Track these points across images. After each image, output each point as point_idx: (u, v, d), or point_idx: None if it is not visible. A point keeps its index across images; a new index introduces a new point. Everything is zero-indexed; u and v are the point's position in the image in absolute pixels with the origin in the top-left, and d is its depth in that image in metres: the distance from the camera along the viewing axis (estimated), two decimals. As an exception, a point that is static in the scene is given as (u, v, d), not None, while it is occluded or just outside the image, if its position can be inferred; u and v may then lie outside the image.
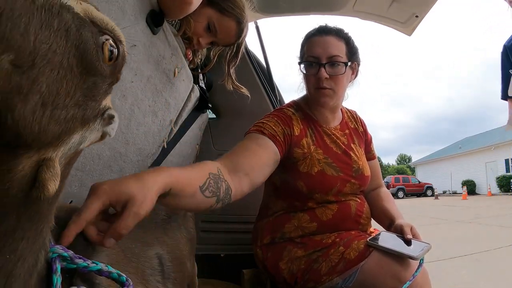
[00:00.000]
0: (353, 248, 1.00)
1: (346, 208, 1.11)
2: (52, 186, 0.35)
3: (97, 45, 0.36)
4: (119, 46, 0.39)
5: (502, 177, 19.88)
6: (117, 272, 0.48)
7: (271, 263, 1.13)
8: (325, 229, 1.10)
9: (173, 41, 0.97)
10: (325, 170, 1.09)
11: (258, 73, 1.74)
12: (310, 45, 1.12)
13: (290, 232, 1.11)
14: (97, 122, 0.40)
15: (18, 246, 0.36)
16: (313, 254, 1.05)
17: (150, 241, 0.75)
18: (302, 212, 1.10)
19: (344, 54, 1.10)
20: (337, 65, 1.08)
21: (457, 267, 3.44)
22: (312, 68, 1.10)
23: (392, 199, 1.28)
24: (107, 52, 0.37)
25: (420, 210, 11.14)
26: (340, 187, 1.11)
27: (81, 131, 0.37)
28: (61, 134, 0.34)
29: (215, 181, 0.78)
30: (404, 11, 1.65)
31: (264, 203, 1.26)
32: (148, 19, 0.82)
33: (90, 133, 0.39)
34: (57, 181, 0.35)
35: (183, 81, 1.09)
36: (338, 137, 1.18)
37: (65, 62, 0.32)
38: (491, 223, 6.72)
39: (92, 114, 0.38)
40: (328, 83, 1.09)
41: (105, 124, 0.41)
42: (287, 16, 1.93)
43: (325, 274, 1.00)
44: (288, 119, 1.12)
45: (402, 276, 0.91)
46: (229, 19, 1.08)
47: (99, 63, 0.36)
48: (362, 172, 1.17)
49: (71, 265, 0.44)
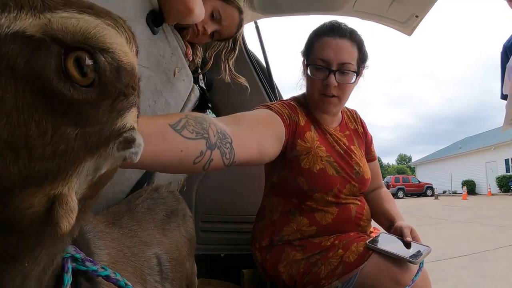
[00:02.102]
0: (352, 251, 0.99)
1: (346, 212, 1.09)
2: (65, 224, 0.32)
3: (60, 68, 0.29)
4: (97, 57, 0.30)
5: (502, 177, 19.87)
6: (124, 281, 0.48)
7: (270, 266, 1.11)
8: (324, 233, 1.08)
9: (173, 41, 0.97)
10: (327, 169, 1.06)
11: (258, 73, 1.74)
12: (321, 46, 1.04)
13: (288, 235, 1.10)
14: (109, 148, 0.35)
15: (38, 254, 0.36)
16: (312, 257, 1.04)
17: (148, 241, 0.75)
18: (301, 216, 1.08)
19: (355, 61, 1.04)
20: (347, 73, 1.02)
21: (457, 267, 3.44)
22: (321, 72, 1.03)
23: (392, 199, 1.27)
24: (75, 71, 0.29)
25: (420, 210, 11.13)
26: (340, 187, 1.08)
27: (93, 158, 0.34)
28: (61, 169, 0.31)
29: (196, 121, 0.61)
30: (404, 11, 1.65)
31: (262, 205, 1.25)
32: (148, 19, 0.82)
33: (106, 161, 0.35)
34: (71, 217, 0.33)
35: (183, 81, 1.09)
36: (339, 138, 1.15)
37: (21, 104, 0.28)
38: (491, 223, 6.72)
39: (98, 137, 0.33)
40: (335, 91, 1.03)
41: (123, 148, 0.36)
42: (287, 16, 1.93)
43: (324, 277, 0.99)
44: (294, 108, 1.08)
45: (402, 280, 0.90)
46: (232, 8, 1.13)
47: (67, 90, 0.29)
48: (363, 175, 1.15)
49: (81, 267, 0.45)
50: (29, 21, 0.28)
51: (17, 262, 0.35)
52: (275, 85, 1.85)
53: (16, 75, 0.27)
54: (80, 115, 0.31)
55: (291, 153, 1.04)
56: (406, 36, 1.82)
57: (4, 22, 0.27)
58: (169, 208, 0.93)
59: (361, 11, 1.73)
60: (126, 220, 0.76)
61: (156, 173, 1.13)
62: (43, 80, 0.28)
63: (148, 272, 0.68)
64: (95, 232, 0.58)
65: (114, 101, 0.33)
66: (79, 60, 0.29)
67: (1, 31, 0.27)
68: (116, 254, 0.59)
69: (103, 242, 0.57)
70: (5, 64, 0.27)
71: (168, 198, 0.96)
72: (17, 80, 0.27)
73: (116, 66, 0.32)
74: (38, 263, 0.36)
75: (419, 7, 1.60)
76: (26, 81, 0.28)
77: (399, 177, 25.45)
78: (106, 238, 0.59)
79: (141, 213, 0.83)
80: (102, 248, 0.56)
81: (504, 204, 11.58)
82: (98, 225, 0.61)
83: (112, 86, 0.32)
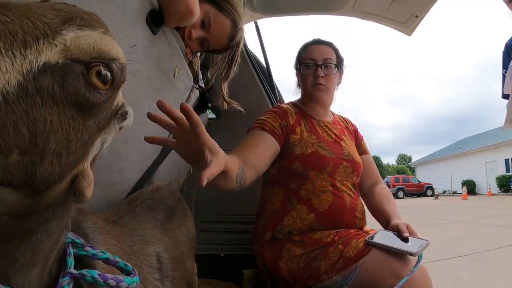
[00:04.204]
0: (352, 246, 1.02)
1: (341, 200, 1.17)
2: (89, 192, 0.39)
3: (88, 83, 0.34)
4: (111, 66, 0.36)
5: (502, 177, 19.87)
6: (123, 262, 0.50)
7: (271, 263, 1.15)
8: (323, 221, 1.13)
9: (173, 41, 0.97)
10: (319, 151, 1.21)
11: (258, 73, 1.75)
12: (307, 51, 1.33)
13: (289, 225, 1.15)
14: (111, 124, 0.42)
15: (50, 226, 0.40)
16: (312, 253, 1.08)
17: (149, 239, 0.75)
18: (299, 204, 1.16)
19: (335, 59, 1.32)
20: (330, 66, 1.29)
21: (457, 267, 3.44)
22: (310, 68, 1.31)
23: (390, 197, 1.31)
24: (99, 82, 0.35)
25: (420, 210, 11.14)
26: (334, 167, 1.19)
27: (100, 136, 0.41)
28: (84, 152, 0.38)
29: (242, 171, 0.98)
30: (404, 11, 1.65)
31: (262, 199, 1.30)
32: (148, 19, 0.82)
33: (109, 134, 0.43)
34: (92, 185, 0.39)
35: (183, 81, 1.09)
36: (330, 129, 1.32)
37: (64, 119, 0.33)
38: (491, 223, 6.72)
39: (105, 119, 0.40)
40: (323, 81, 1.29)
41: (121, 121, 0.44)
42: (287, 16, 1.93)
43: (325, 272, 1.02)
44: (284, 113, 1.28)
45: (401, 273, 0.92)
46: (225, 17, 1.08)
47: (95, 97, 0.35)
48: (353, 157, 1.27)
49: (81, 252, 0.47)
50: (49, 50, 0.32)
51: (32, 234, 0.38)
52: (275, 85, 1.85)
53: (57, 100, 0.32)
54: (99, 110, 0.38)
55: (285, 147, 1.22)
56: (406, 36, 1.82)
57: (33, 58, 0.30)
58: (169, 207, 0.93)
59: (361, 11, 1.73)
60: (127, 219, 0.76)
61: (156, 173, 1.13)
62: (78, 97, 0.34)
63: (148, 270, 0.68)
64: (95, 228, 0.58)
65: (117, 90, 0.41)
66: (99, 72, 0.35)
67: (34, 67, 0.30)
68: (116, 251, 0.59)
69: (103, 238, 0.58)
70: (46, 95, 0.31)
71: (168, 197, 0.96)
72: (58, 104, 0.32)
73: (121, 67, 0.38)
74: (50, 235, 0.41)
75: (419, 7, 1.61)
76: (65, 101, 0.33)
77: (399, 177, 25.45)
78: (105, 234, 0.60)
79: (142, 212, 0.84)
80: (101, 243, 0.56)
81: (504, 204, 11.59)
82: (98, 221, 0.61)
83: (120, 82, 0.39)
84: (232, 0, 1.08)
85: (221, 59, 1.21)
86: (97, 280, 0.44)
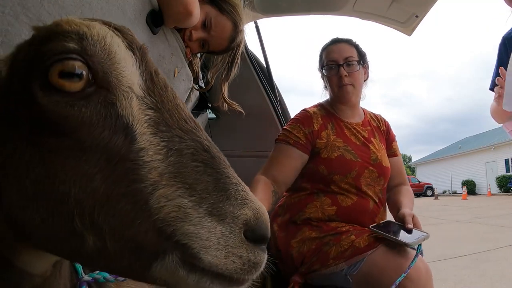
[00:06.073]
0: (364, 238, 1.07)
1: (364, 202, 1.20)
2: None
3: None
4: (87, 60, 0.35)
5: (502, 177, 19.88)
6: None
7: (282, 242, 1.20)
8: (342, 216, 1.17)
9: (173, 41, 0.97)
10: (344, 155, 1.22)
11: (258, 73, 1.75)
12: (327, 53, 1.33)
13: (310, 213, 1.19)
14: None
15: None
16: (325, 238, 1.12)
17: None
18: (325, 196, 1.21)
19: (356, 55, 1.31)
20: (352, 64, 1.28)
21: (457, 267, 3.44)
22: (332, 69, 1.30)
23: (410, 195, 1.32)
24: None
25: (420, 210, 11.14)
26: (359, 171, 1.20)
27: None
28: None
29: (274, 196, 1.12)
30: (404, 11, 1.65)
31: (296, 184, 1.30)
32: (148, 19, 0.82)
33: None
34: None
35: (183, 81, 1.09)
36: (359, 131, 1.31)
37: None
38: (491, 223, 6.73)
39: None
40: (348, 80, 1.28)
41: None
42: (287, 16, 1.93)
43: (333, 258, 1.07)
44: (308, 119, 1.30)
45: (405, 268, 0.95)
46: (226, 19, 1.08)
47: None
48: (380, 162, 1.26)
49: None
50: None
51: None
52: (275, 85, 1.85)
53: None
54: None
55: (312, 151, 1.26)
56: (406, 36, 1.82)
57: None
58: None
59: (361, 11, 1.73)
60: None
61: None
62: None
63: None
64: None
65: None
66: None
67: None
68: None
69: None
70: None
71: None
72: None
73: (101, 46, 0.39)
74: None
75: (419, 7, 1.61)
76: None
77: (399, 177, 25.39)
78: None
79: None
80: None
81: (504, 204, 11.60)
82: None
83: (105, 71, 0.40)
84: (233, 2, 1.08)
85: (221, 61, 1.21)
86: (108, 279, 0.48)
